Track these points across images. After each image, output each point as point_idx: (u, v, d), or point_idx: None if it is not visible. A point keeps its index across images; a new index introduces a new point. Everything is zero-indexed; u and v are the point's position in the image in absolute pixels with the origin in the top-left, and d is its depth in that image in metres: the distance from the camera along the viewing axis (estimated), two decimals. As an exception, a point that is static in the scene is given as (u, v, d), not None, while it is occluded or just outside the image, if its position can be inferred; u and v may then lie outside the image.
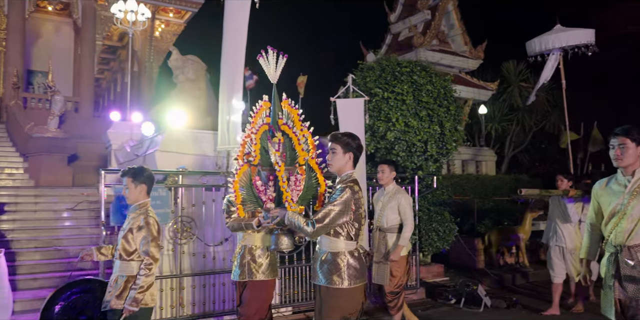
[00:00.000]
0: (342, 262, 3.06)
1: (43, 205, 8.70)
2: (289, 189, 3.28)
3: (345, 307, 3.05)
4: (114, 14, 10.71)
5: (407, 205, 5.00)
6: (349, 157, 3.17)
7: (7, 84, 15.28)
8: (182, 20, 19.30)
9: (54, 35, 18.09)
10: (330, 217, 2.98)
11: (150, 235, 3.25)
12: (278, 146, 3.38)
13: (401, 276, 5.04)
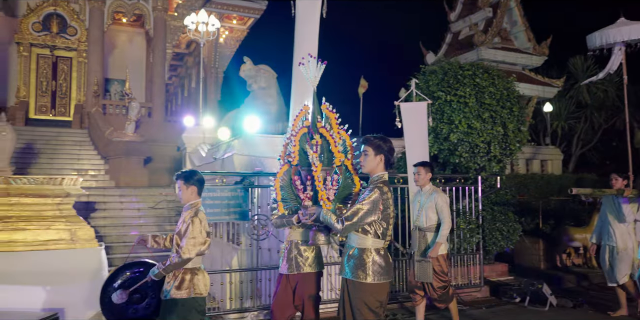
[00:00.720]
0: (367, 258, 3.24)
1: (127, 204, 9.56)
2: (325, 188, 3.57)
3: (372, 301, 3.23)
4: (186, 26, 11.48)
5: (444, 204, 5.17)
6: (380, 159, 3.32)
7: (88, 92, 16.62)
8: (245, 26, 20.13)
9: (128, 45, 19.44)
10: (358, 216, 3.17)
11: (190, 233, 3.54)
12: (315, 148, 3.68)
13: (444, 270, 5.19)
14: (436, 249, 5.08)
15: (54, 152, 14.15)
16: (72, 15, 17.12)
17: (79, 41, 17.27)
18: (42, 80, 17.65)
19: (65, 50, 17.65)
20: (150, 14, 17.19)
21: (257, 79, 6.64)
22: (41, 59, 17.65)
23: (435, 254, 5.08)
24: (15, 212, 5.49)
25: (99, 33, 16.66)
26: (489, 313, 6.17)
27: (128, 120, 14.52)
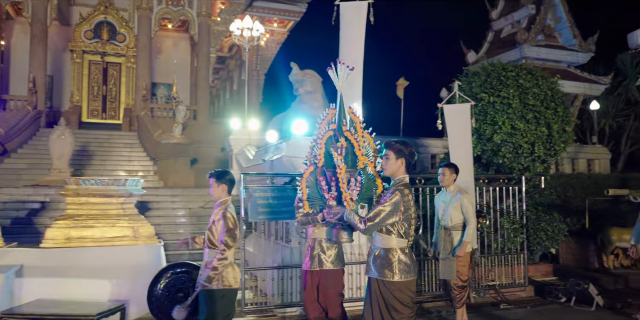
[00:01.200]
0: (393, 257, 3.37)
1: (179, 204, 10.06)
2: (349, 189, 3.77)
3: (403, 297, 3.38)
4: (232, 32, 11.93)
5: (469, 204, 5.30)
6: (401, 162, 3.45)
7: (137, 96, 17.39)
8: (285, 29, 20.57)
9: (173, 50, 20.19)
10: (380, 217, 3.32)
11: (226, 226, 3.79)
12: (340, 150, 3.89)
13: (467, 271, 5.32)
14: (463, 248, 5.23)
15: (107, 153, 14.92)
16: (121, 23, 17.94)
17: (127, 47, 18.08)
18: (94, 85, 18.57)
19: (114, 56, 18.51)
20: (195, 19, 17.82)
21: (304, 84, 6.94)
22: (92, 65, 18.57)
23: (462, 252, 5.23)
24: (85, 211, 5.98)
25: (147, 39, 17.41)
26: (534, 312, 6.25)
27: (175, 123, 15.12)
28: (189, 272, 4.52)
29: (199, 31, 17.84)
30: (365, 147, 3.96)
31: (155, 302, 4.54)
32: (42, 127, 15.61)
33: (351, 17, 6.01)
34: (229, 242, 3.80)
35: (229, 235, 3.80)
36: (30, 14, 15.99)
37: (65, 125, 12.16)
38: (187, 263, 4.60)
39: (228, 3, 18.26)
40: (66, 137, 11.78)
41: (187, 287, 4.48)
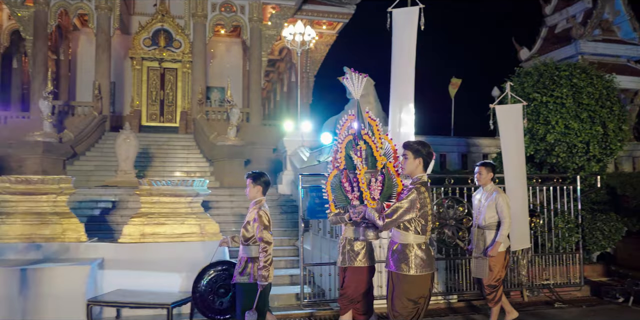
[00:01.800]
0: (410, 252, 3.58)
1: (236, 203, 10.60)
2: (369, 188, 4.00)
3: (412, 291, 3.56)
4: (284, 36, 12.39)
5: (504, 204, 5.31)
6: (418, 162, 3.66)
7: (193, 100, 18.23)
8: (334, 31, 20.94)
9: (226, 54, 21.00)
10: (397, 214, 3.52)
11: (262, 224, 4.09)
12: (359, 153, 4.12)
13: (499, 271, 5.33)
14: (496, 248, 5.26)
15: (166, 155, 15.77)
16: (177, 30, 18.83)
17: (182, 53, 18.95)
18: (152, 90, 19.57)
19: (171, 62, 19.44)
20: (247, 24, 18.47)
21: (357, 87, 7.24)
22: (151, 71, 19.57)
23: (494, 252, 5.25)
24: (157, 209, 6.54)
25: (202, 45, 18.21)
26: (590, 311, 6.29)
27: (230, 126, 15.78)
28: (229, 269, 4.93)
29: (251, 36, 18.49)
30: (383, 148, 4.17)
31: (199, 297, 4.96)
32: (107, 131, 16.68)
33: (403, 22, 6.25)
34: (268, 239, 4.10)
35: (267, 232, 4.10)
36: (95, 25, 17.10)
37: (129, 129, 13.00)
38: (227, 261, 5.02)
39: (278, 8, 18.81)
40: (131, 140, 12.60)
41: (227, 284, 4.86)
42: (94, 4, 16.99)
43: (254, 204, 4.28)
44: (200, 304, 4.92)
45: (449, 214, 6.62)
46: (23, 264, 5.66)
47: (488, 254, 5.29)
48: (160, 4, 18.84)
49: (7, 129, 16.19)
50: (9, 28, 18.34)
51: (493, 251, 5.26)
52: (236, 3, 18.31)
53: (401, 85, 6.18)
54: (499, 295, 5.36)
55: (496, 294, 5.34)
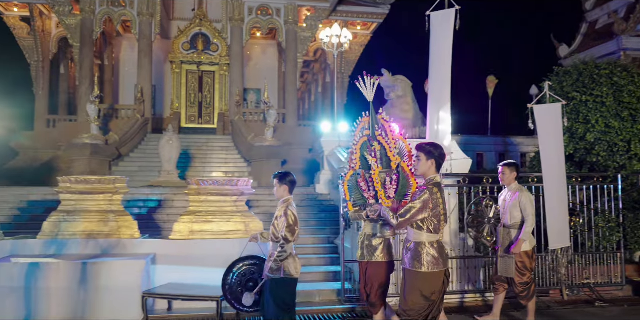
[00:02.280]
0: (422, 250, 3.77)
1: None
2: (385, 188, 4.23)
3: (424, 288, 3.75)
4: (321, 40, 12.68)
5: (528, 203, 5.43)
6: (431, 163, 3.86)
7: (231, 102, 18.73)
8: (369, 31, 21.13)
9: (262, 57, 21.45)
10: (410, 214, 3.71)
11: (286, 223, 4.32)
12: (374, 153, 4.35)
13: (526, 269, 5.44)
14: (519, 246, 5.38)
15: (205, 156, 16.29)
16: (214, 34, 19.35)
17: (220, 56, 19.44)
18: (191, 93, 20.17)
19: (209, 65, 19.98)
20: (283, 27, 18.85)
21: (395, 89, 7.43)
22: (189, 74, 20.18)
23: (517, 250, 5.38)
24: (204, 208, 6.91)
25: (239, 48, 18.69)
26: (632, 310, 6.30)
27: (267, 127, 16.18)
28: (257, 264, 5.21)
29: (287, 38, 18.85)
30: (398, 148, 4.39)
31: (229, 289, 5.27)
32: (149, 133, 17.34)
33: (440, 25, 6.43)
34: (288, 236, 4.34)
35: (288, 230, 4.33)
36: (138, 31, 17.80)
37: (172, 131, 13.54)
38: (256, 256, 5.32)
39: (313, 10, 19.12)
40: (174, 142, 13.13)
41: (256, 278, 5.14)
42: (137, 10, 17.69)
43: (282, 202, 4.54)
44: (229, 296, 5.24)
45: (487, 213, 6.73)
46: (83, 258, 6.11)
47: (511, 252, 5.43)
48: (198, 8, 19.42)
49: (56, 132, 17.08)
50: (57, 36, 19.30)
51: (515, 249, 5.39)
52: (272, 6, 18.71)
53: (439, 86, 6.37)
54: (532, 292, 5.48)
55: (529, 291, 5.47)
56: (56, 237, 6.44)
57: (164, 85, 20.34)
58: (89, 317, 5.82)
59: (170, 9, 20.20)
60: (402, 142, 4.47)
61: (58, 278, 5.77)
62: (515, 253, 5.42)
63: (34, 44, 18.75)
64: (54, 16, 18.45)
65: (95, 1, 17.36)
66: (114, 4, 17.64)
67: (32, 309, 5.70)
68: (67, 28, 17.50)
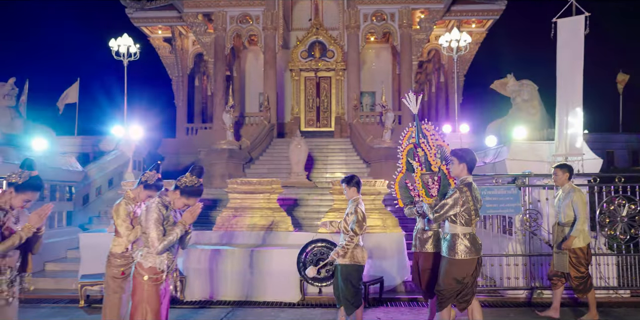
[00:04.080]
0: (457, 241, 4.44)
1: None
2: (427, 187, 5.02)
3: (457, 272, 4.43)
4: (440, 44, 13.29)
5: (579, 201, 5.73)
6: (463, 166, 4.50)
7: (348, 106, 19.89)
8: (484, 28, 21.15)
9: (375, 60, 22.38)
10: (444, 209, 4.43)
11: (356, 218, 5.03)
12: (417, 158, 5.10)
13: (580, 264, 5.73)
14: (569, 242, 5.73)
15: (326, 158, 17.54)
16: (330, 41, 20.61)
17: (336, 62, 20.63)
18: (309, 98, 21.63)
19: (325, 71, 21.29)
20: (397, 31, 19.62)
21: (521, 93, 7.88)
22: (307, 80, 21.66)
23: (567, 246, 5.75)
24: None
25: (355, 54, 19.79)
26: None
27: (385, 129, 17.07)
28: (327, 246, 6.21)
29: (401, 41, 19.60)
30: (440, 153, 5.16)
31: (302, 266, 6.27)
32: (274, 138, 19.05)
33: (568, 32, 6.84)
34: (357, 230, 5.12)
35: (357, 225, 5.11)
36: (263, 44, 19.63)
37: (300, 136, 14.94)
38: (325, 239, 6.27)
39: (427, 12, 19.67)
40: (302, 146, 14.51)
41: (325, 257, 6.10)
42: (262, 26, 19.53)
43: (351, 202, 5.35)
44: (302, 271, 6.33)
45: (620, 212, 7.00)
46: (249, 247, 7.43)
47: (562, 247, 5.84)
48: (314, 18, 20.83)
49: (196, 139, 19.43)
50: (193, 52, 21.86)
51: (566, 244, 5.80)
52: (386, 11, 19.56)
53: (568, 91, 6.81)
54: (588, 285, 5.84)
55: (585, 285, 5.83)
56: (226, 229, 7.86)
57: (285, 92, 22.04)
58: (255, 296, 7.07)
59: (289, 21, 21.86)
60: (445, 147, 5.32)
61: (233, 262, 7.11)
62: (565, 248, 5.82)
63: (174, 61, 21.43)
64: (191, 35, 20.95)
65: (227, 20, 19.47)
66: (242, 22, 19.65)
67: (214, 289, 7.09)
68: (202, 45, 19.81)
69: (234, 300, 6.94)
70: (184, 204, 3.72)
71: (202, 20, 19.81)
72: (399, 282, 7.59)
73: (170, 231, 3.58)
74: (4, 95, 8.40)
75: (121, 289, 4.58)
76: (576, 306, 6.62)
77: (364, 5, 19.62)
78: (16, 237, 3.28)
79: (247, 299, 6.97)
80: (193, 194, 3.70)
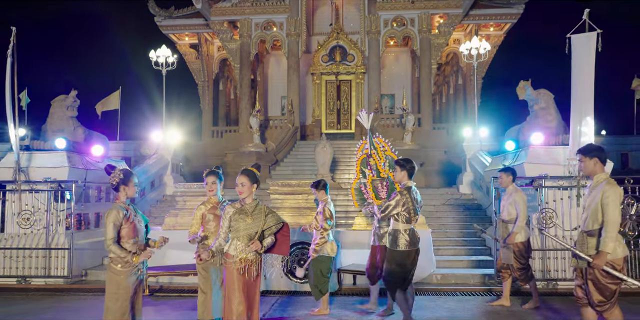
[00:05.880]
0: (398, 235, 5.37)
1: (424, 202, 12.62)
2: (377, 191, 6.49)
3: (399, 261, 5.37)
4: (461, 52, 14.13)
5: (520, 201, 6.60)
6: (404, 173, 5.43)
7: (370, 109, 20.73)
8: (502, 31, 21.91)
9: (395, 63, 23.23)
10: (388, 209, 5.36)
11: (324, 217, 5.99)
12: (369, 166, 6.57)
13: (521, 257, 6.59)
14: (512, 237, 6.58)
15: (348, 159, 18.39)
16: (350, 45, 21.50)
17: (356, 65, 21.52)
18: (330, 101, 22.53)
19: (345, 74, 22.19)
20: (417, 35, 20.47)
21: (538, 101, 8.70)
22: (328, 84, 22.56)
23: (511, 241, 6.58)
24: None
25: (376, 58, 20.68)
26: None
27: (405, 131, 17.95)
28: (305, 247, 7.68)
29: (421, 46, 20.44)
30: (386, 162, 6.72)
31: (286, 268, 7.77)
32: (298, 140, 20.00)
33: (582, 47, 7.63)
34: (326, 227, 6.06)
35: (326, 222, 6.05)
36: (287, 49, 20.61)
37: (325, 139, 15.88)
38: (302, 241, 7.83)
39: (446, 16, 20.48)
40: (327, 148, 15.43)
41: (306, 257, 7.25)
42: (285, 32, 20.52)
43: (321, 202, 6.26)
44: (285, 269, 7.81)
45: (629, 211, 7.83)
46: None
47: (507, 242, 6.69)
48: (335, 23, 21.75)
49: (223, 141, 20.46)
50: (218, 58, 22.94)
51: (509, 240, 6.66)
52: (406, 17, 20.42)
53: (581, 102, 7.61)
54: (529, 275, 6.71)
55: (526, 275, 6.69)
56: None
57: (306, 95, 22.97)
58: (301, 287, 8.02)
59: (311, 26, 22.80)
60: (392, 157, 6.73)
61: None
62: (509, 243, 6.65)
63: (200, 67, 22.52)
64: (216, 41, 22.01)
65: (252, 27, 20.50)
66: (266, 28, 20.67)
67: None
68: (228, 51, 20.86)
69: (283, 290, 7.89)
70: None
71: (228, 28, 20.84)
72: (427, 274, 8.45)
73: None
74: (67, 106, 9.45)
75: None
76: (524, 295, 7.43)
77: (385, 11, 20.48)
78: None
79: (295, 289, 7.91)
80: None
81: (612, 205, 4.12)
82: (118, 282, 4.17)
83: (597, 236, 4.20)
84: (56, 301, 7.33)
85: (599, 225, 4.20)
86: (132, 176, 4.34)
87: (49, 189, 8.59)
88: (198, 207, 5.56)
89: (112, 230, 4.18)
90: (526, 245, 6.71)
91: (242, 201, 4.32)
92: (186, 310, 6.70)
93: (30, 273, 8.50)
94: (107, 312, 4.18)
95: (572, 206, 8.09)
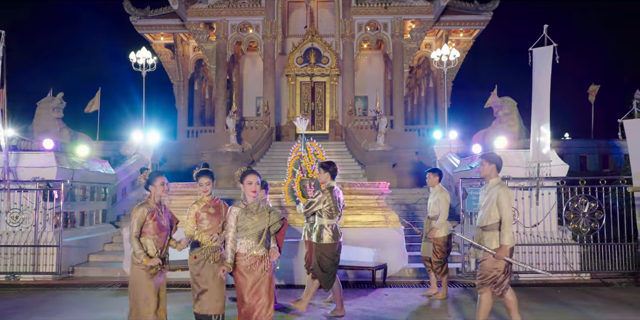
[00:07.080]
0: (322, 230, 5.94)
1: (396, 200, 13.37)
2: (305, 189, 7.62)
3: (325, 253, 5.92)
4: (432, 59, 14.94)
5: (443, 200, 7.23)
6: (327, 175, 6.00)
7: (344, 111, 21.48)
8: (471, 37, 22.95)
9: (368, 66, 24.00)
10: (311, 206, 5.97)
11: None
12: (300, 167, 7.57)
13: (440, 251, 7.19)
14: (433, 232, 7.22)
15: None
16: (324, 48, 22.13)
17: (330, 68, 22.15)
18: (304, 102, 23.15)
19: (320, 76, 22.82)
20: (390, 40, 21.29)
21: (502, 108, 9.56)
22: (302, 85, 23.17)
23: (432, 235, 7.23)
24: (354, 204, 9.51)
25: (350, 62, 21.41)
26: None
27: (379, 133, 18.67)
28: None
29: (393, 50, 21.27)
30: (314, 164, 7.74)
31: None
32: (273, 141, 20.55)
33: (540, 59, 8.52)
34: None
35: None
36: (263, 51, 21.14)
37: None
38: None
39: (418, 22, 21.37)
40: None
41: None
42: (261, 34, 21.06)
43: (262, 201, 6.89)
44: None
45: (582, 209, 8.71)
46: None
47: (428, 237, 7.40)
48: (310, 25, 22.34)
49: (199, 141, 20.83)
50: (194, 58, 23.27)
51: (430, 234, 7.30)
52: (380, 21, 21.22)
53: (540, 108, 8.49)
54: (444, 270, 7.38)
55: (441, 269, 7.37)
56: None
57: (281, 96, 23.52)
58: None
59: (286, 28, 23.35)
60: (320, 159, 7.74)
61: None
62: (430, 238, 7.28)
63: (175, 67, 22.82)
64: (192, 42, 22.37)
65: (228, 28, 20.94)
66: (242, 30, 21.16)
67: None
68: (204, 52, 21.25)
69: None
70: None
71: (204, 29, 21.23)
72: (399, 268, 9.19)
73: None
74: (53, 108, 9.82)
75: None
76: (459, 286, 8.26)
77: (359, 15, 21.24)
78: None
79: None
80: None
81: (506, 205, 4.88)
82: (138, 272, 4.58)
83: (490, 231, 4.99)
84: (49, 295, 7.75)
85: (492, 222, 4.96)
86: (158, 177, 4.71)
87: (38, 188, 8.95)
88: (191, 206, 5.92)
89: (136, 226, 4.57)
90: (446, 241, 7.28)
91: (244, 201, 4.57)
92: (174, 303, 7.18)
93: (19, 270, 8.86)
94: (131, 301, 4.59)
95: (532, 205, 8.92)
